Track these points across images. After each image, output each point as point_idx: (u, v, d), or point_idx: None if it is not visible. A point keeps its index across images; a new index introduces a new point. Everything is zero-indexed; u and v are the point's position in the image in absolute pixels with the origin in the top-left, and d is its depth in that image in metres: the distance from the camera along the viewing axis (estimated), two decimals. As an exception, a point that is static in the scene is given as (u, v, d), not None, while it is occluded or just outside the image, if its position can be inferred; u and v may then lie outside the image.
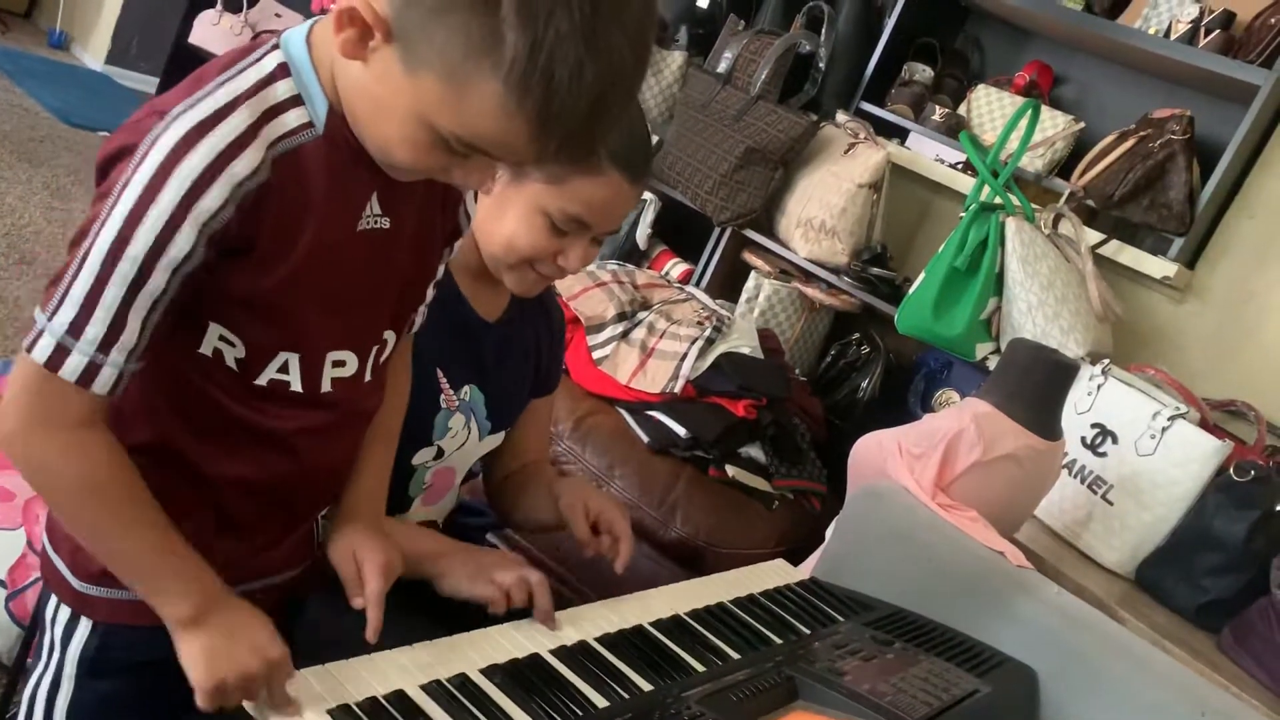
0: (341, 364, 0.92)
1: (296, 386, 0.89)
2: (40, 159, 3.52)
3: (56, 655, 0.94)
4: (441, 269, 1.03)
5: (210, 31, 4.27)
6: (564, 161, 0.77)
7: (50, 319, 0.77)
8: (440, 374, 1.24)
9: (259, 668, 0.83)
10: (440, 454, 1.27)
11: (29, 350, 0.77)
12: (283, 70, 0.81)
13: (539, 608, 1.06)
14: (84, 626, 0.93)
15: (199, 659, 0.83)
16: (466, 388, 1.27)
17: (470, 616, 1.02)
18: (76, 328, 0.76)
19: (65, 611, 0.94)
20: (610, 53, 0.71)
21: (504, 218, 1.17)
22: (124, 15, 4.84)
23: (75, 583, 0.93)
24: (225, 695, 0.83)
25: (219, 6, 4.27)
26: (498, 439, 1.35)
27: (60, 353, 0.77)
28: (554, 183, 1.13)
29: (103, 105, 4.44)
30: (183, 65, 4.13)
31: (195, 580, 0.85)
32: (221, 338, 0.84)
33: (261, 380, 0.87)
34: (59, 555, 0.94)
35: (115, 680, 0.95)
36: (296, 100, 0.81)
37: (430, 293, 1.03)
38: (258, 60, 0.81)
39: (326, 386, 0.91)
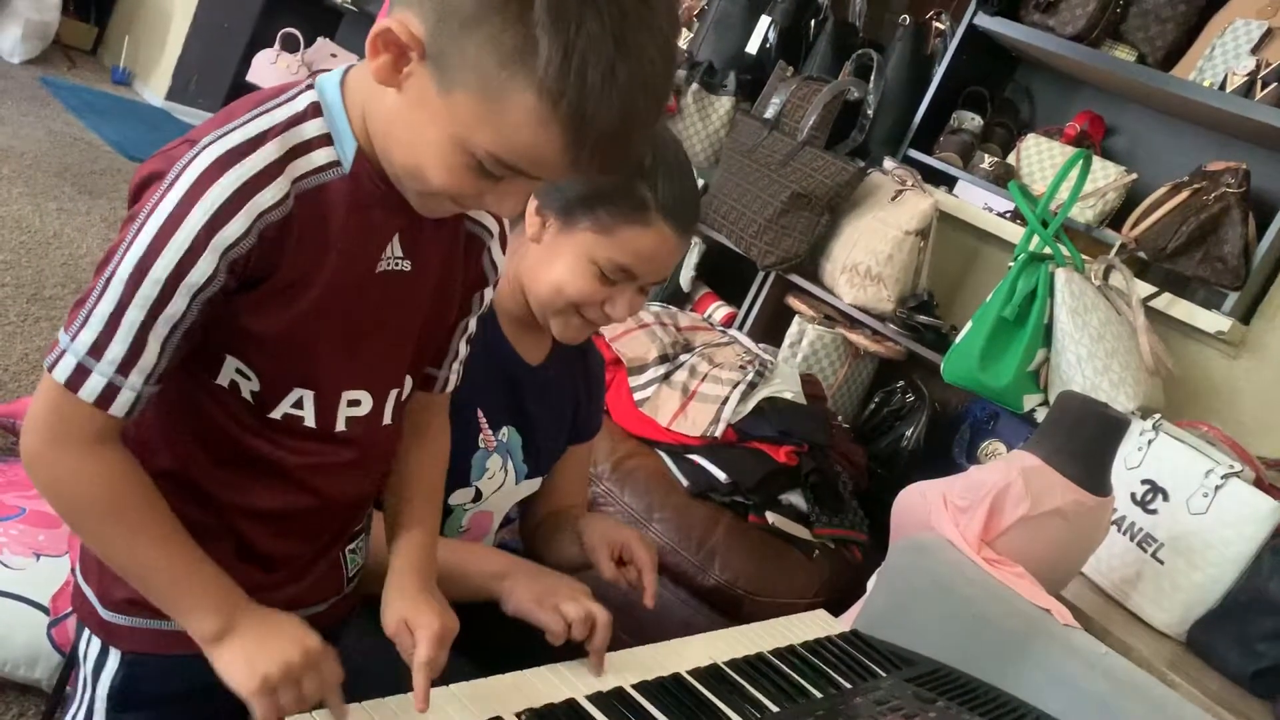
0: (356, 403, 0.92)
1: (310, 422, 0.89)
2: (99, 191, 3.60)
3: (88, 690, 0.94)
4: (473, 323, 1.02)
5: (268, 70, 4.37)
6: (598, 172, 0.78)
7: (73, 339, 0.78)
8: (480, 414, 1.24)
9: (299, 656, 0.82)
10: (479, 496, 1.27)
11: (50, 369, 0.78)
12: (314, 110, 0.82)
13: (594, 646, 1.05)
14: (113, 659, 0.93)
15: (238, 664, 0.82)
16: (505, 429, 1.27)
17: (510, 658, 1.01)
18: (98, 349, 0.77)
19: (95, 644, 0.94)
20: (640, 57, 0.72)
21: (553, 264, 1.18)
22: (185, 53, 4.98)
23: (102, 611, 0.92)
24: (273, 694, 0.82)
25: (276, 46, 4.38)
26: (534, 484, 1.34)
27: (80, 373, 0.78)
28: (603, 232, 1.15)
29: (161, 139, 4.47)
30: (240, 102, 4.24)
31: (220, 594, 0.84)
32: (238, 370, 0.85)
33: (276, 414, 0.87)
34: (88, 584, 0.94)
35: (143, 713, 0.94)
36: (325, 139, 0.82)
37: (463, 348, 1.02)
38: (291, 98, 0.82)
39: (341, 425, 0.91)
